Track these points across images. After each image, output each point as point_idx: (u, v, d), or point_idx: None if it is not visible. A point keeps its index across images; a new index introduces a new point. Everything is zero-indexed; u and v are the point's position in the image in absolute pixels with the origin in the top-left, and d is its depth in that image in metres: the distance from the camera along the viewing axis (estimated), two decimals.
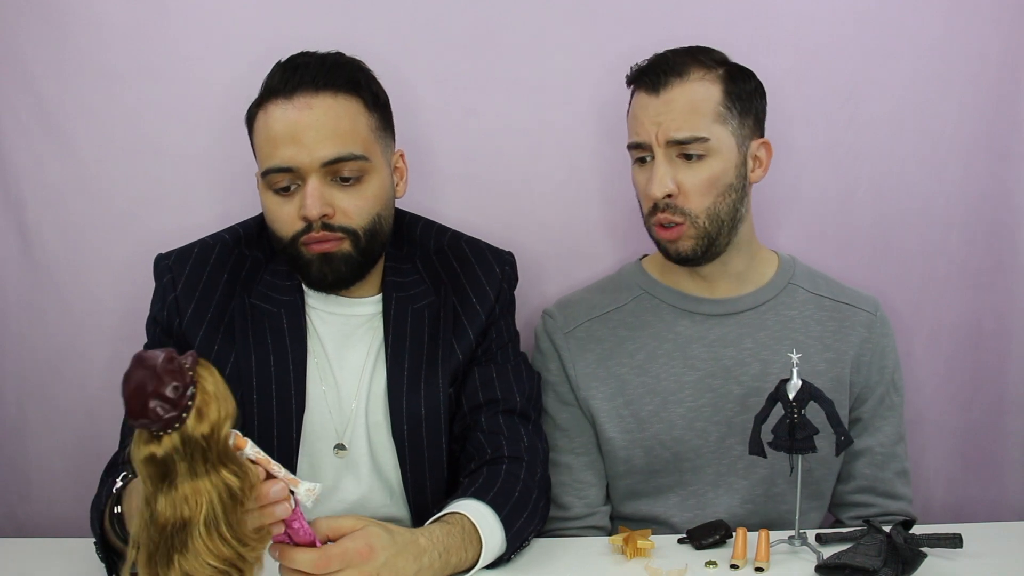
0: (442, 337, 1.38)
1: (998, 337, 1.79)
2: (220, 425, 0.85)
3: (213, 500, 0.85)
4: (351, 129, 1.27)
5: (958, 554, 1.24)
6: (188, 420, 0.83)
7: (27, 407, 1.68)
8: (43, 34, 1.59)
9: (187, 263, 1.37)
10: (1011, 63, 1.71)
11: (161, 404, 0.82)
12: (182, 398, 0.83)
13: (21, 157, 1.62)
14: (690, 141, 1.37)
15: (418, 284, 1.40)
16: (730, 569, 1.21)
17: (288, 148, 1.24)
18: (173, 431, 0.83)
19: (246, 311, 1.34)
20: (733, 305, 1.48)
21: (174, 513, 0.84)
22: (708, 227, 1.39)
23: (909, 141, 1.72)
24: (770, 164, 1.45)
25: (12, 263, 1.64)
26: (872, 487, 1.49)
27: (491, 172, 1.69)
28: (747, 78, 1.42)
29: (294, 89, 1.25)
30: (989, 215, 1.76)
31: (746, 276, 1.49)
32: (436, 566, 1.12)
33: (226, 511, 0.86)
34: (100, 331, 1.65)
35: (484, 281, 1.42)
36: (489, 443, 1.34)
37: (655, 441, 1.45)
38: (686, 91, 1.38)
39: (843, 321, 1.50)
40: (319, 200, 1.25)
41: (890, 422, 1.51)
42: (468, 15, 1.64)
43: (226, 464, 0.86)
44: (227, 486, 0.86)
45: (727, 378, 1.45)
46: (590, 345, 1.49)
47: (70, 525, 1.66)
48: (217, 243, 1.40)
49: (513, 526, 1.22)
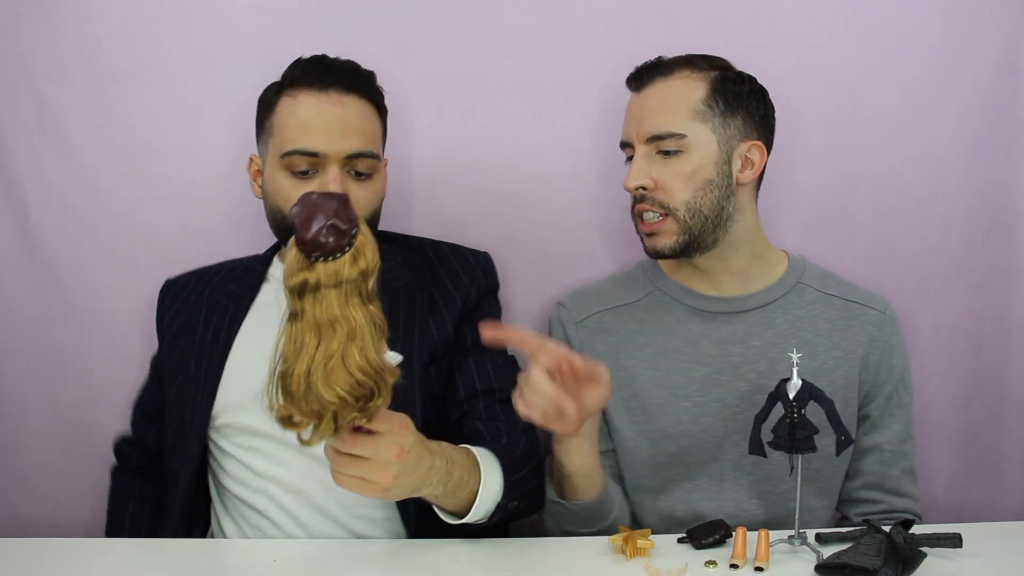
0: (418, 317, 1.43)
1: (998, 337, 1.79)
2: (372, 269, 0.97)
3: (364, 322, 0.96)
4: (371, 130, 1.39)
5: (958, 554, 1.24)
6: (348, 253, 0.94)
7: (29, 407, 1.68)
8: (43, 34, 1.59)
9: (181, 279, 1.51)
10: (1011, 63, 1.71)
11: (332, 234, 0.93)
12: (348, 232, 0.94)
13: (23, 158, 1.62)
14: (665, 136, 1.40)
15: (395, 268, 1.46)
16: (730, 569, 1.21)
17: (318, 135, 1.33)
18: (334, 259, 0.94)
19: (202, 304, 1.46)
20: (742, 303, 1.49)
21: (329, 315, 0.94)
22: (689, 221, 1.42)
23: (909, 141, 1.72)
24: (764, 167, 1.45)
25: (14, 263, 1.65)
26: (879, 484, 1.50)
27: (491, 172, 1.69)
28: (742, 81, 1.44)
29: (328, 85, 1.35)
30: (989, 215, 1.76)
31: (752, 274, 1.50)
32: (443, 470, 1.15)
33: (373, 337, 0.97)
34: (102, 331, 1.65)
35: (459, 269, 1.50)
36: (488, 429, 1.38)
37: (661, 434, 1.46)
38: (666, 88, 1.42)
39: (852, 319, 1.51)
40: (341, 187, 1.34)
41: (899, 420, 1.51)
42: (468, 15, 1.65)
43: (375, 302, 0.97)
44: (378, 318, 0.97)
45: (735, 375, 1.47)
46: (601, 336, 1.51)
47: (71, 525, 1.66)
48: (212, 267, 1.52)
49: (512, 476, 1.27)
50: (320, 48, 1.39)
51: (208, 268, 1.53)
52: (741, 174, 1.43)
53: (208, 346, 1.42)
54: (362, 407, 0.97)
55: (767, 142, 1.46)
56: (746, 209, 1.46)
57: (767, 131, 1.47)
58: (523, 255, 1.69)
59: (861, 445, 1.51)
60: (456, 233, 1.66)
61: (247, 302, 1.45)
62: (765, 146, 1.45)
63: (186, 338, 1.44)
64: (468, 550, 1.24)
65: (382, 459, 1.05)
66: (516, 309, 1.70)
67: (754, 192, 1.48)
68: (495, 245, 1.61)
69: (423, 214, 1.67)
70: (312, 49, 1.39)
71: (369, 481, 1.06)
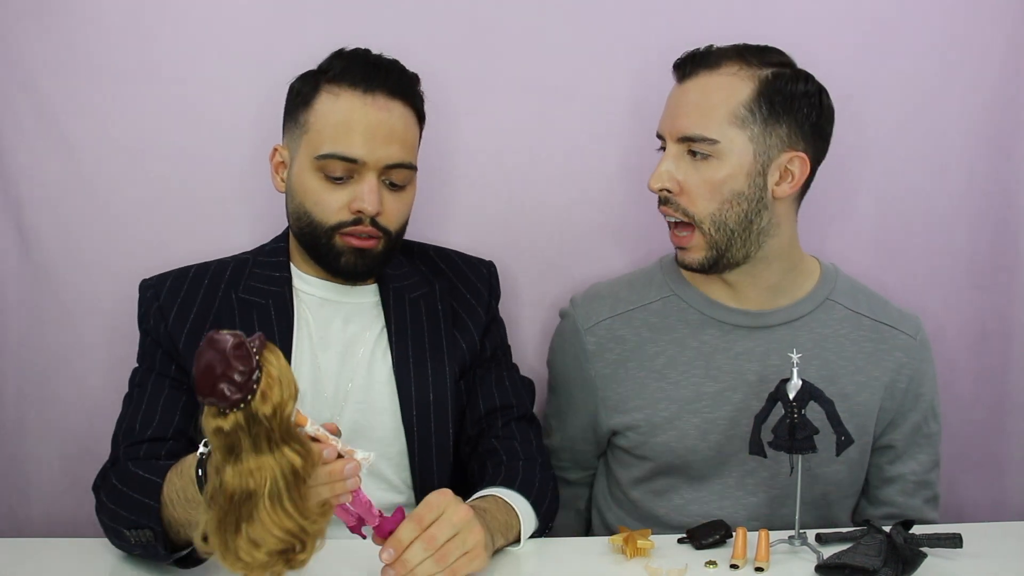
0: (444, 330, 1.41)
1: (1001, 337, 1.79)
2: (283, 406, 0.90)
3: (276, 475, 0.90)
4: (412, 139, 1.34)
5: (958, 554, 1.24)
6: (253, 401, 0.88)
7: (26, 407, 1.68)
8: (43, 34, 1.59)
9: (167, 279, 1.41)
10: (1014, 62, 1.71)
11: (229, 386, 0.87)
12: (248, 381, 0.88)
13: (20, 157, 1.61)
14: (697, 139, 1.32)
15: (410, 276, 1.44)
16: (730, 569, 1.21)
17: (360, 142, 1.28)
18: (239, 410, 0.88)
19: (233, 305, 1.37)
20: (765, 319, 1.41)
21: (240, 484, 0.89)
22: (715, 235, 1.34)
23: (912, 141, 1.72)
24: (807, 178, 1.35)
25: (11, 263, 1.64)
26: (901, 514, 1.45)
27: (491, 172, 1.69)
28: (796, 82, 1.32)
29: (374, 88, 1.29)
30: (992, 215, 1.76)
31: (782, 288, 1.42)
32: (494, 525, 1.18)
33: (289, 487, 0.91)
34: (99, 331, 1.65)
35: (474, 279, 1.48)
36: (504, 448, 1.38)
37: (665, 448, 1.42)
38: (708, 85, 1.32)
39: (880, 343, 1.43)
40: (378, 198, 1.29)
41: (925, 451, 1.47)
42: (470, 15, 1.64)
43: (289, 443, 0.91)
44: (291, 464, 0.90)
45: (748, 393, 1.40)
46: (610, 345, 1.45)
47: (69, 525, 1.66)
48: (196, 265, 1.43)
49: (541, 508, 1.29)
50: (320, 47, 1.38)
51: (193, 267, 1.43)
52: (777, 187, 1.34)
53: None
54: (288, 559, 0.93)
55: (816, 152, 1.36)
56: (783, 223, 1.37)
57: (818, 139, 1.36)
58: (524, 255, 1.69)
59: (885, 474, 1.47)
60: (457, 233, 1.66)
61: (288, 297, 1.38)
62: (811, 157, 1.35)
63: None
64: None
65: (462, 524, 1.08)
66: (517, 310, 1.70)
67: (795, 204, 1.39)
68: (497, 247, 1.61)
69: (424, 215, 1.67)
70: (312, 49, 1.38)
71: (471, 551, 1.09)
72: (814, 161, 1.37)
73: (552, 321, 1.68)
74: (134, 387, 1.37)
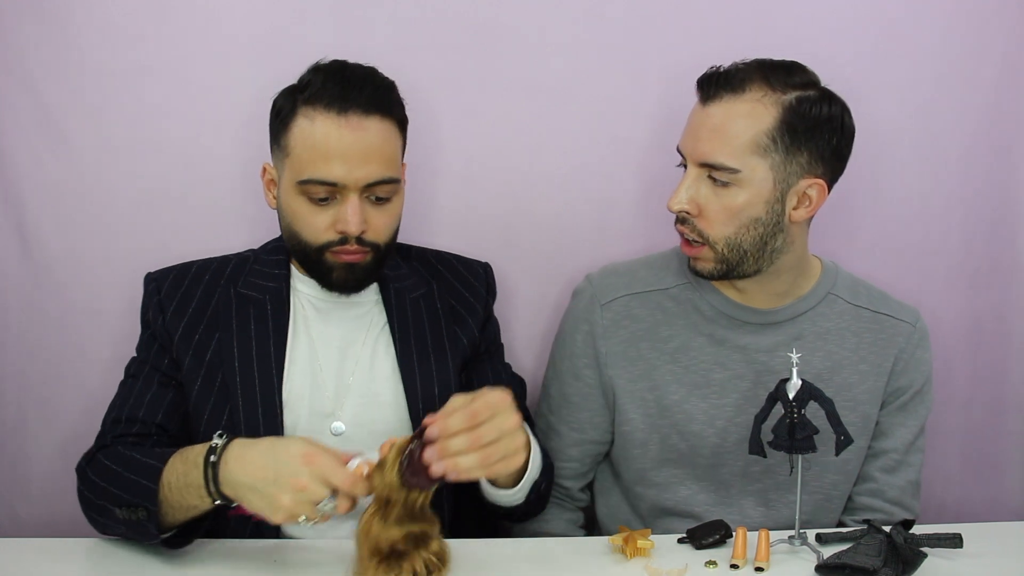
0: (444, 326, 1.44)
1: (998, 336, 1.79)
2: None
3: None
4: (392, 153, 1.33)
5: (958, 554, 1.24)
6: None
7: (27, 406, 1.68)
8: (43, 34, 1.59)
9: (171, 273, 1.44)
10: (1011, 63, 1.71)
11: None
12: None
13: (20, 156, 1.61)
14: (718, 167, 1.32)
15: (408, 276, 1.47)
16: (730, 569, 1.21)
17: (338, 166, 1.28)
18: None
19: (231, 300, 1.40)
20: (771, 316, 1.45)
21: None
22: (728, 255, 1.36)
23: (909, 141, 1.72)
24: (820, 204, 1.36)
25: (12, 262, 1.64)
26: (880, 491, 1.48)
27: (491, 172, 1.69)
28: (819, 105, 1.32)
29: (347, 108, 1.28)
30: (989, 214, 1.76)
31: (789, 291, 1.45)
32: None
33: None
34: (100, 330, 1.65)
35: (471, 278, 1.50)
36: None
37: (673, 430, 1.45)
38: (732, 111, 1.31)
39: (880, 333, 1.47)
40: (361, 218, 1.30)
41: (907, 427, 1.48)
42: (469, 15, 1.64)
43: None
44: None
45: (756, 382, 1.44)
46: (624, 322, 1.47)
47: (70, 525, 1.66)
48: (200, 261, 1.46)
49: (547, 458, 1.35)
50: (320, 47, 1.37)
51: (197, 262, 1.45)
52: (795, 212, 1.35)
53: (258, 340, 1.38)
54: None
55: (833, 175, 1.37)
56: (796, 241, 1.39)
57: (836, 162, 1.36)
58: (524, 256, 1.69)
59: (869, 451, 1.49)
60: (452, 235, 1.66)
61: (285, 294, 1.41)
62: (828, 181, 1.36)
63: (220, 334, 1.37)
64: (468, 550, 1.24)
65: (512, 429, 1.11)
66: (511, 312, 1.70)
67: (807, 222, 1.41)
68: (493, 249, 1.61)
69: (424, 214, 1.67)
70: (312, 48, 1.37)
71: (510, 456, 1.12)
72: (831, 184, 1.38)
73: (547, 323, 1.68)
74: (128, 375, 1.41)
